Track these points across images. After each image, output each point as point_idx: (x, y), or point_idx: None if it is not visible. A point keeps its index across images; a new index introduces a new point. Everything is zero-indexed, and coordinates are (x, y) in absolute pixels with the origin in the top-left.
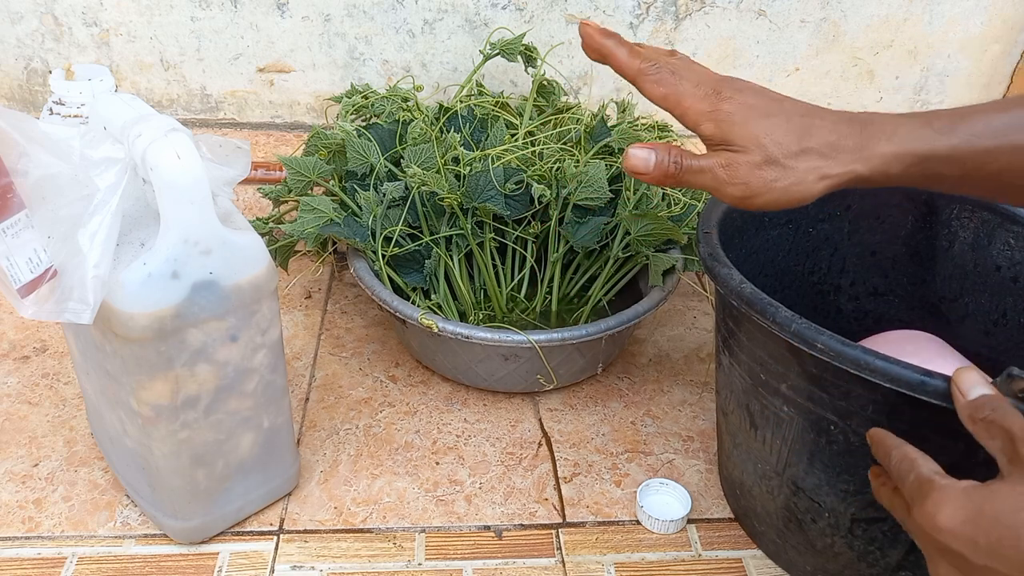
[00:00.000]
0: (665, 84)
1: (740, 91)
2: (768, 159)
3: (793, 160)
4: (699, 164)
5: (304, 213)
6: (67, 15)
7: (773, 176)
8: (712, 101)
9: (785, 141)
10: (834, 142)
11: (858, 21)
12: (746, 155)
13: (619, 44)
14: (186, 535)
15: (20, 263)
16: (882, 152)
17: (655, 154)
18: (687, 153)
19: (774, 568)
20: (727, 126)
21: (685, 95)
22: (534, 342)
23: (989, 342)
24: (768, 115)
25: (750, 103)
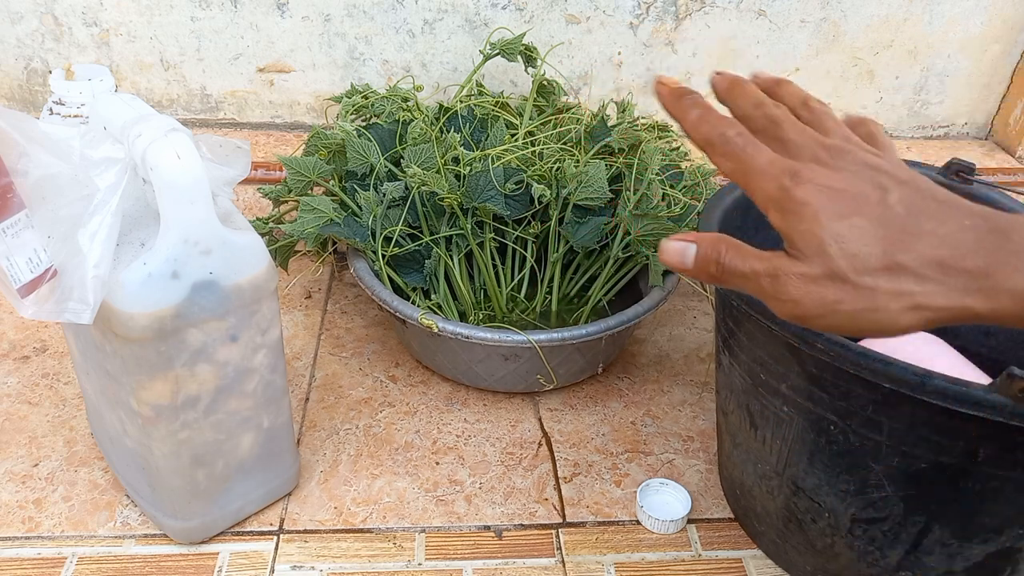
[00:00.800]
0: (732, 157)
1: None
2: (830, 273)
3: (871, 278)
4: (745, 268)
5: (304, 213)
6: (67, 15)
7: (835, 297)
8: (783, 183)
9: (864, 251)
10: (945, 259)
11: (858, 21)
12: (800, 264)
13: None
14: (186, 535)
15: (20, 263)
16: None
17: (695, 249)
18: (736, 250)
19: (774, 568)
20: (792, 220)
21: (754, 173)
22: (534, 342)
23: (989, 342)
24: (852, 211)
25: (833, 190)
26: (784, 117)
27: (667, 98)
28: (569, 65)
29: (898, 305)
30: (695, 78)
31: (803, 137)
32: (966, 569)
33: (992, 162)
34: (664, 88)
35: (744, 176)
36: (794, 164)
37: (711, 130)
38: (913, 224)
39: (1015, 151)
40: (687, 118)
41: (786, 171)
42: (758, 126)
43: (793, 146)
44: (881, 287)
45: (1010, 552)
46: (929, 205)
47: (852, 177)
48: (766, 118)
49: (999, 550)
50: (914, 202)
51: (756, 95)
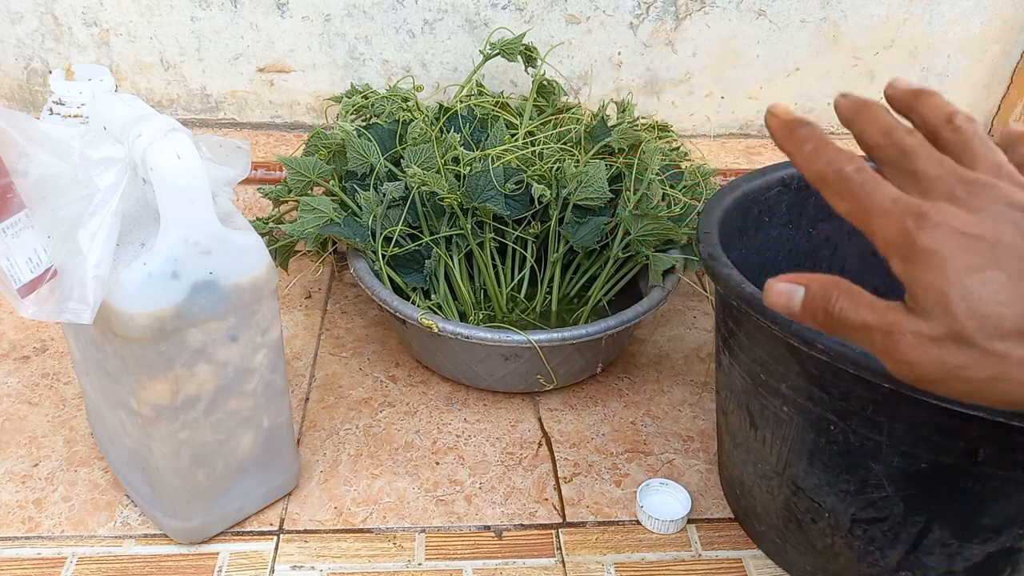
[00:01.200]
0: (849, 196)
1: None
2: (954, 335)
3: (1003, 344)
4: (857, 319)
5: (304, 213)
6: (67, 15)
7: (958, 362)
8: (906, 226)
9: (996, 311)
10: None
11: (858, 21)
12: (919, 322)
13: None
14: (186, 535)
15: (20, 263)
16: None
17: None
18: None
19: (774, 568)
20: (915, 269)
21: (874, 214)
22: (534, 342)
23: None
24: (988, 263)
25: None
26: (918, 146)
27: (778, 131)
28: (569, 65)
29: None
30: (695, 78)
31: (940, 169)
32: (966, 569)
33: None
34: (776, 120)
35: (863, 217)
36: (921, 203)
37: (826, 165)
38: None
39: None
40: (800, 152)
41: (910, 211)
42: (887, 157)
43: (927, 180)
44: (1013, 355)
45: (1010, 552)
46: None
47: (992, 220)
48: (896, 147)
49: (999, 550)
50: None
51: (886, 121)
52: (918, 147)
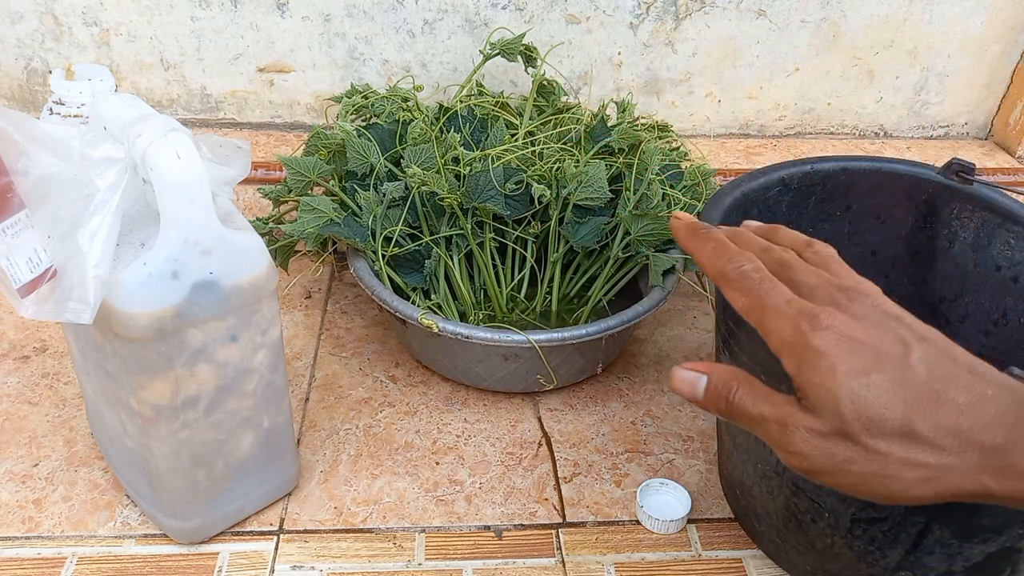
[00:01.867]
0: (748, 293)
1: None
2: (840, 431)
3: (884, 443)
4: (755, 411)
5: (304, 213)
6: (67, 15)
7: (846, 456)
8: (800, 328)
9: (879, 414)
10: (963, 431)
11: (858, 21)
12: (811, 418)
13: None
14: (186, 535)
15: (20, 263)
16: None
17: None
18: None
19: (774, 568)
20: (808, 369)
21: (770, 312)
22: (534, 342)
23: (989, 342)
24: (872, 368)
25: (853, 341)
26: (794, 260)
27: (681, 232)
28: (569, 65)
29: (911, 475)
30: (695, 78)
31: (817, 279)
32: (966, 569)
33: (992, 162)
34: (679, 223)
35: (759, 313)
36: (813, 307)
37: (727, 263)
38: (933, 389)
39: (1015, 151)
40: (703, 250)
41: (804, 314)
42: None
43: (806, 288)
44: (894, 454)
45: (1010, 552)
46: (951, 369)
47: (872, 328)
48: (775, 262)
49: (999, 550)
50: (936, 363)
51: (759, 242)
52: (794, 261)
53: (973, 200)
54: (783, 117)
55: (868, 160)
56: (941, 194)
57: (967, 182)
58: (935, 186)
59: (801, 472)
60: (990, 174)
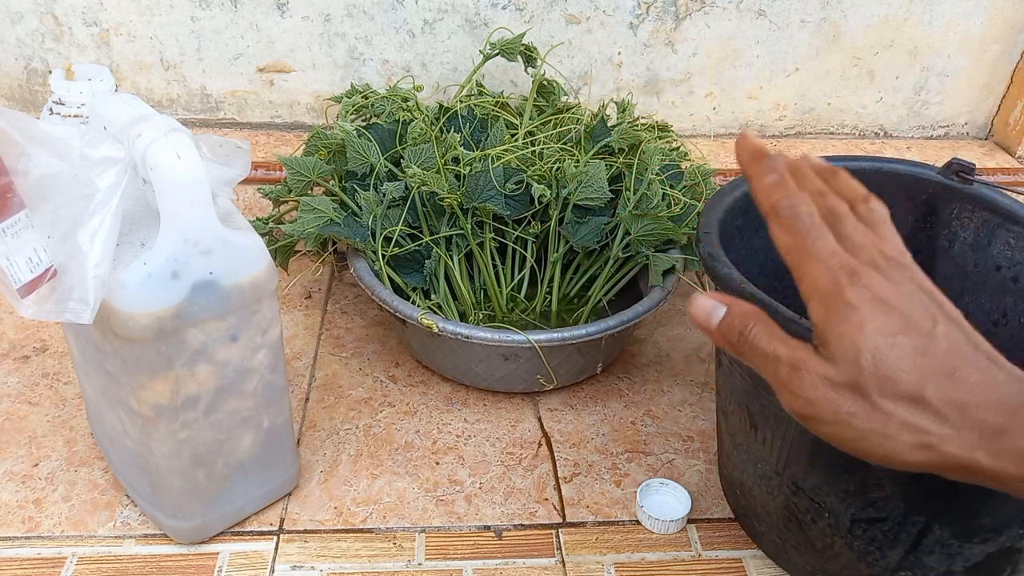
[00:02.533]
0: (795, 234)
1: (888, 285)
2: (854, 384)
3: (892, 403)
4: (768, 348)
5: (304, 213)
6: (67, 15)
7: (850, 409)
8: (839, 280)
9: (896, 374)
10: (968, 406)
11: (858, 21)
12: (826, 365)
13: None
14: (186, 535)
15: (20, 263)
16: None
17: (723, 312)
18: (765, 328)
19: (774, 568)
20: (835, 320)
21: (811, 257)
22: (534, 342)
23: (989, 342)
24: (900, 331)
25: (886, 304)
26: (845, 212)
27: (745, 154)
28: (569, 65)
29: (910, 438)
30: (695, 78)
31: (864, 239)
32: (966, 569)
33: (992, 162)
34: (745, 144)
35: (800, 257)
36: (855, 264)
37: (782, 199)
38: (951, 363)
39: (1015, 151)
40: (762, 180)
41: (845, 268)
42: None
43: (851, 243)
44: (898, 415)
45: (1010, 552)
46: (970, 351)
47: (907, 297)
48: (827, 209)
49: (999, 550)
50: (957, 341)
51: (818, 183)
52: (846, 214)
53: (973, 200)
54: (783, 117)
55: (868, 160)
56: (941, 194)
57: (967, 182)
58: (935, 186)
59: (801, 418)
60: (990, 174)
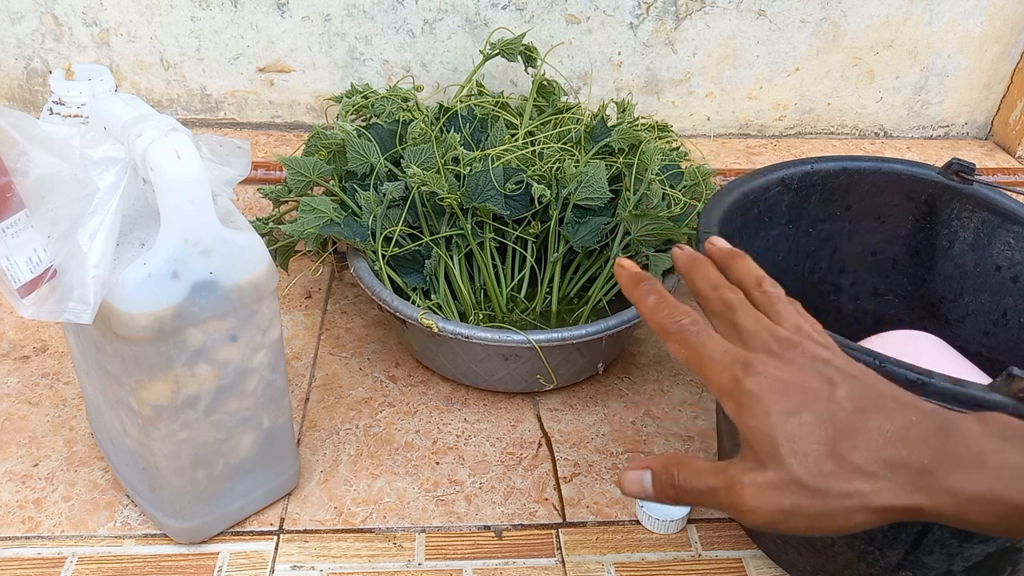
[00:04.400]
0: (687, 345)
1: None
2: (787, 479)
3: (824, 481)
4: (702, 486)
5: (304, 213)
6: (67, 15)
7: (792, 502)
8: (735, 374)
9: (815, 451)
10: (892, 457)
11: (858, 21)
12: (755, 472)
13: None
14: (186, 535)
15: (20, 263)
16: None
17: (649, 476)
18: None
19: (774, 568)
20: (745, 414)
21: (707, 362)
22: (534, 342)
23: (989, 342)
24: (801, 407)
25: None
26: (739, 302)
27: (625, 282)
28: (569, 65)
29: (851, 504)
30: (695, 78)
31: (757, 325)
32: (966, 569)
33: (992, 162)
34: (624, 272)
35: (698, 363)
36: (746, 355)
37: (666, 317)
38: (860, 420)
39: (1015, 151)
40: (644, 302)
41: (738, 361)
42: (714, 308)
43: (746, 333)
44: (833, 489)
45: (1010, 552)
46: (875, 400)
47: (800, 371)
48: (721, 301)
49: (999, 550)
50: (862, 397)
51: (713, 277)
52: (739, 304)
53: (973, 200)
54: (783, 117)
55: (868, 160)
56: (941, 194)
57: (967, 182)
58: (935, 186)
59: (757, 527)
60: (990, 174)
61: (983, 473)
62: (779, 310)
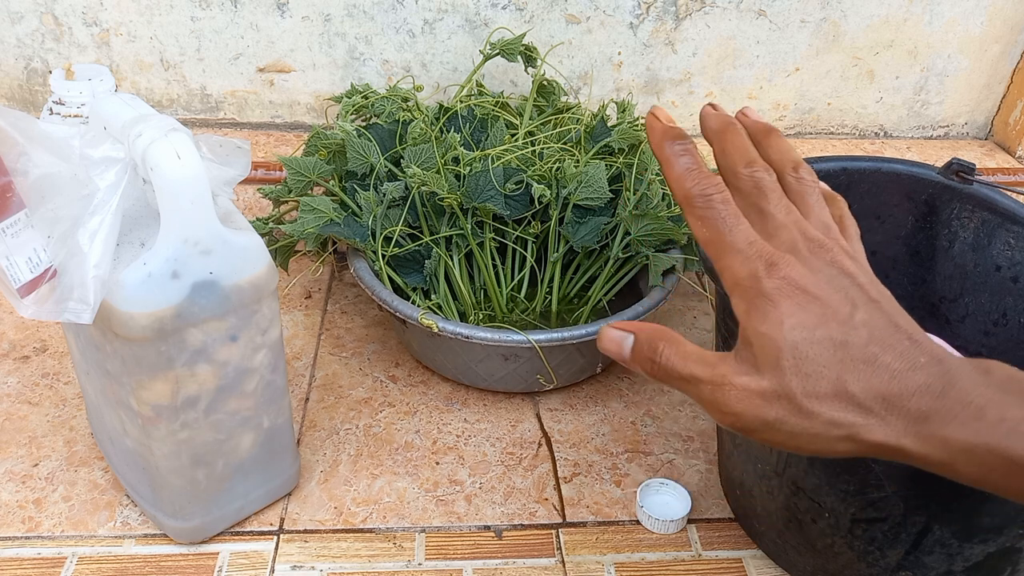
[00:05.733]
0: (710, 225)
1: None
2: (780, 392)
3: (817, 403)
4: (685, 371)
5: (304, 213)
6: (67, 15)
7: (777, 415)
8: (756, 272)
9: (818, 372)
10: (892, 396)
11: (858, 21)
12: (748, 375)
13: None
14: (186, 535)
15: (20, 263)
16: (949, 438)
17: (632, 340)
18: (675, 349)
19: (774, 568)
20: (755, 317)
21: (728, 249)
22: (534, 342)
23: (989, 342)
24: (818, 324)
25: (805, 295)
26: (772, 186)
27: (657, 135)
28: (569, 65)
29: (837, 433)
30: (695, 78)
31: (787, 218)
32: (966, 569)
33: (992, 162)
34: (658, 123)
35: (717, 248)
36: (772, 253)
37: (695, 186)
38: (871, 352)
39: (1015, 151)
40: (673, 165)
41: (762, 258)
42: (743, 187)
43: (773, 223)
44: (824, 414)
45: (1010, 552)
46: (891, 335)
47: (825, 284)
48: (753, 181)
49: (999, 550)
50: (877, 327)
51: (748, 152)
52: (772, 189)
53: (973, 200)
54: (783, 117)
55: (868, 160)
56: (941, 194)
57: (967, 182)
58: (935, 186)
59: (733, 429)
60: (990, 174)
61: (979, 424)
62: (811, 203)
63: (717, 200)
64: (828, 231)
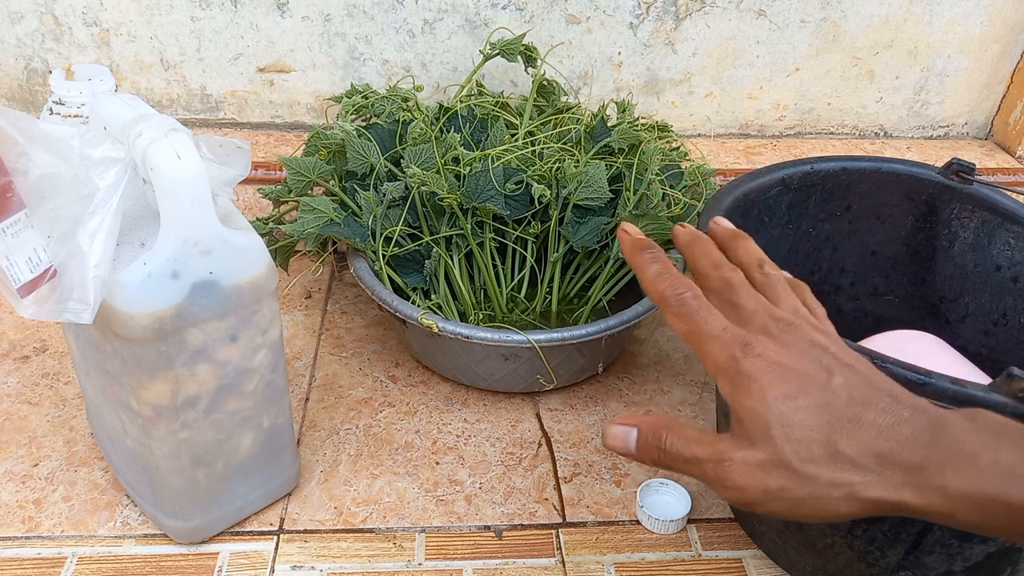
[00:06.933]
0: (687, 319)
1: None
2: (776, 461)
3: (813, 467)
4: (688, 454)
5: (304, 213)
6: (67, 15)
7: (778, 484)
8: (734, 354)
9: (808, 437)
10: (883, 452)
11: (858, 21)
12: (745, 450)
13: (650, 261)
14: (186, 535)
15: (20, 263)
16: (947, 486)
17: (636, 434)
18: (678, 435)
19: (774, 568)
20: (740, 394)
21: (706, 338)
22: (534, 342)
23: (989, 342)
24: (798, 392)
25: (781, 367)
26: (739, 282)
27: (628, 247)
28: (569, 65)
29: (838, 494)
30: (695, 78)
31: (756, 305)
32: (966, 569)
33: (992, 162)
34: (627, 237)
35: (696, 339)
36: (746, 335)
37: (668, 288)
38: (854, 412)
39: (1015, 151)
40: (646, 271)
41: (737, 341)
42: (714, 286)
43: (745, 312)
44: (822, 476)
45: (1010, 552)
46: (870, 393)
47: (799, 356)
48: (722, 280)
49: (999, 550)
50: (856, 387)
51: (715, 256)
52: (740, 283)
53: (973, 200)
54: (783, 117)
55: (868, 160)
56: (941, 194)
57: (967, 182)
58: (935, 186)
59: (739, 504)
60: (990, 174)
61: (975, 471)
62: (778, 292)
63: (688, 297)
64: (796, 312)
